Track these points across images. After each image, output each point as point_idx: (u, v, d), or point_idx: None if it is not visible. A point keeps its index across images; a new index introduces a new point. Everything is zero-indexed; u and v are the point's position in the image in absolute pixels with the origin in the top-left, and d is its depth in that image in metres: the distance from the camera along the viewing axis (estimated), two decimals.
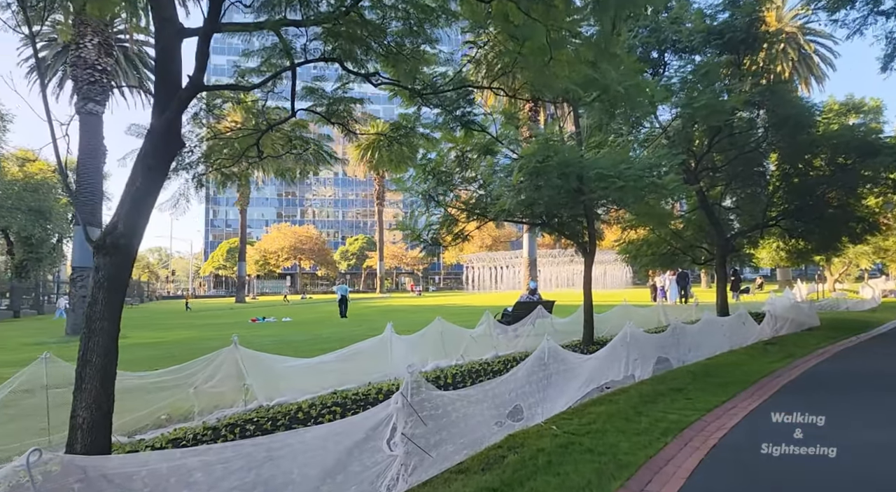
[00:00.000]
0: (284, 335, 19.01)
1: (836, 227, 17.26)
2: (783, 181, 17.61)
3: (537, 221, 11.10)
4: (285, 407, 6.63)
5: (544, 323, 14.63)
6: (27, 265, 47.29)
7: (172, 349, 15.49)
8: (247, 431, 5.44)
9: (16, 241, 47.03)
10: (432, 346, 10.33)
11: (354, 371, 8.55)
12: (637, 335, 8.63)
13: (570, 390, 6.90)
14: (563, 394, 6.77)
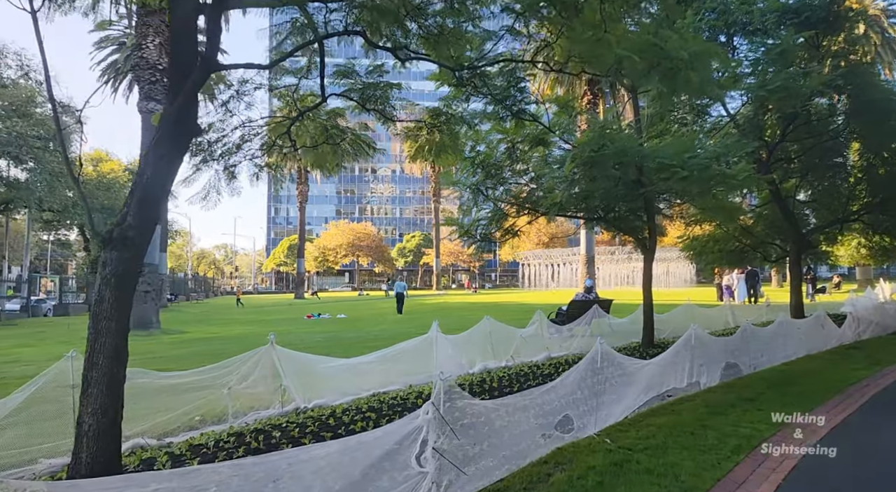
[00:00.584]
0: (337, 332, 18.95)
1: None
2: (866, 173, 16.18)
3: (593, 215, 10.44)
4: (320, 410, 6.31)
5: (601, 323, 13.95)
6: None
7: (227, 345, 15.60)
8: (272, 438, 5.12)
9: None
10: (480, 346, 9.85)
11: (397, 373, 8.18)
12: (703, 338, 7.90)
13: (626, 399, 6.30)
14: (619, 402, 6.18)
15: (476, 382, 7.94)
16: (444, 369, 8.84)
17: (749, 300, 29.57)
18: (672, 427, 5.87)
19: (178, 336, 18.21)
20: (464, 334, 9.69)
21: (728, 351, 8.68)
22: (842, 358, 10.52)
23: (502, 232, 10.47)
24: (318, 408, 6.58)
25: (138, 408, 5.39)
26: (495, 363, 9.80)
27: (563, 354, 11.19)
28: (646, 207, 10.10)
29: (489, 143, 10.45)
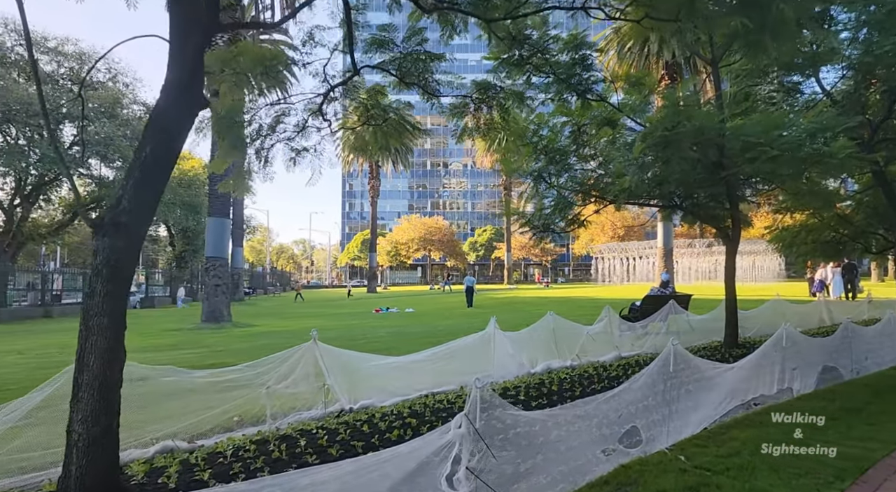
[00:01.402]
0: (403, 327, 18.72)
1: None
2: None
3: (668, 203, 9.53)
4: (359, 415, 5.86)
5: (678, 320, 12.97)
6: (185, 256, 52.07)
7: (291, 339, 15.63)
8: (297, 447, 4.70)
9: (175, 233, 51.93)
10: (543, 344, 9.21)
11: (451, 372, 7.67)
12: (795, 338, 6.94)
13: (704, 407, 5.52)
14: (695, 411, 5.41)
15: (534, 384, 7.31)
16: (503, 369, 8.32)
17: (846, 296, 27.23)
18: (759, 443, 5.07)
19: (246, 330, 18.49)
20: (525, 331, 9.07)
21: (826, 353, 7.65)
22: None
23: (567, 222, 9.75)
24: (363, 410, 6.17)
25: (171, 407, 5.15)
26: (559, 363, 9.13)
27: (634, 354, 10.37)
28: (728, 193, 9.10)
29: (553, 126, 9.74)
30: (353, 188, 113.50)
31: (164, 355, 12.24)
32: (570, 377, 7.79)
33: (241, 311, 29.95)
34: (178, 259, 52.97)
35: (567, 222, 9.72)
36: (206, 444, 4.82)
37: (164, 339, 16.30)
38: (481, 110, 6.90)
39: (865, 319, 15.30)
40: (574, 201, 9.32)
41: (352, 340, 14.93)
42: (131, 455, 4.54)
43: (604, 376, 7.76)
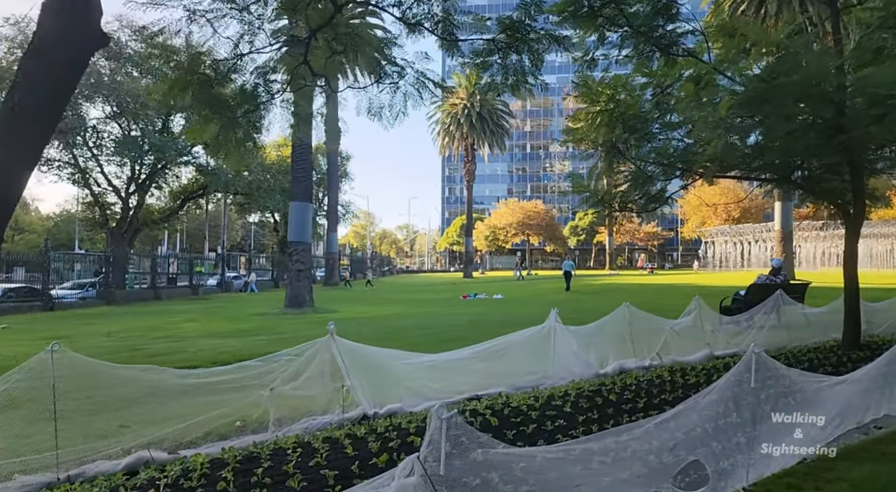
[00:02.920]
0: (484, 314, 17.93)
1: None
2: None
3: (770, 174, 7.96)
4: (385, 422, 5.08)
5: (791, 313, 11.19)
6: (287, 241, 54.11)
7: (363, 327, 15.32)
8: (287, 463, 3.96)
9: (280, 219, 54.03)
10: (616, 340, 8.03)
11: (501, 372, 6.75)
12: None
13: (802, 432, 4.26)
14: (789, 437, 4.17)
15: (591, 390, 6.15)
16: (565, 369, 7.26)
17: None
18: (880, 484, 3.80)
19: (326, 315, 18.39)
20: (593, 325, 7.93)
21: None
22: None
23: (648, 199, 8.44)
24: (390, 416, 5.40)
25: (155, 412, 4.63)
26: (635, 362, 7.92)
27: (730, 352, 8.92)
28: (850, 162, 7.42)
29: (631, 89, 8.44)
30: (453, 173, 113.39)
31: (235, 342, 12.19)
32: (646, 380, 6.60)
33: (331, 296, 30.41)
34: (281, 244, 55.14)
35: (648, 200, 8.41)
36: (186, 456, 4.22)
37: (244, 324, 16.49)
38: (510, 57, 5.80)
39: None
40: (655, 175, 7.98)
41: (425, 329, 14.34)
42: (99, 468, 4.04)
43: (679, 384, 6.48)
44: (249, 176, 37.46)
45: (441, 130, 59.57)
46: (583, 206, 8.38)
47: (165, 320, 17.72)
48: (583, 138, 8.08)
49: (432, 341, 10.96)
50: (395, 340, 12.19)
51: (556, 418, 4.98)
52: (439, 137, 60.06)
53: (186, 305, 24.63)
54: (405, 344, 11.56)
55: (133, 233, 36.24)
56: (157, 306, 24.76)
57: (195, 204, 44.47)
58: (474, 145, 58.97)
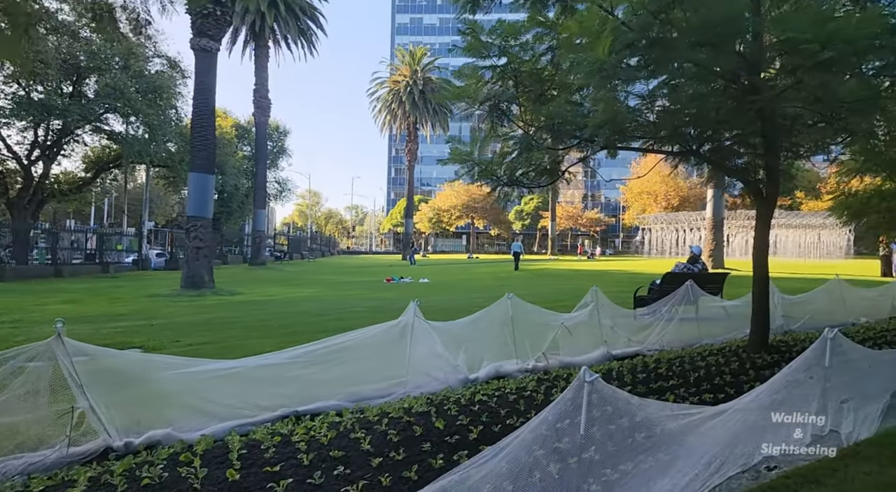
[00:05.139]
0: (395, 299, 16.58)
1: None
2: None
3: (672, 145, 6.81)
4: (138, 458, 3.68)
5: (709, 306, 10.32)
6: (220, 218, 51.43)
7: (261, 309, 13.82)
8: None
9: None
10: (494, 338, 6.80)
11: (335, 380, 5.40)
12: (847, 350, 4.32)
13: (662, 482, 3.06)
14: None
15: (437, 405, 4.84)
16: (424, 375, 5.97)
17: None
18: None
19: (224, 298, 16.73)
20: (466, 320, 6.65)
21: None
22: None
23: (539, 172, 7.19)
24: (150, 447, 3.99)
25: None
26: (516, 364, 6.71)
27: (631, 351, 7.86)
28: (763, 132, 6.34)
29: (524, 43, 7.13)
30: (399, 153, 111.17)
31: (85, 328, 10.46)
32: (501, 396, 5.31)
33: (252, 276, 28.58)
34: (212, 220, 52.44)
35: (539, 172, 7.17)
36: None
37: (125, 306, 14.68)
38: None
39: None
40: (541, 144, 6.73)
41: (319, 315, 12.91)
42: None
43: (531, 401, 5.20)
44: (173, 147, 34.83)
45: (382, 108, 57.47)
46: (465, 178, 7.04)
47: (38, 301, 15.71)
48: (463, 95, 6.74)
49: (311, 331, 9.61)
50: (271, 328, 10.79)
51: (342, 461, 3.65)
52: (381, 115, 57.98)
53: (81, 285, 22.38)
54: (285, 332, 10.20)
55: (38, 204, 33.19)
56: (50, 285, 22.39)
57: (109, 175, 41.25)
58: (417, 125, 57.21)
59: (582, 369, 2.58)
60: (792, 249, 50.88)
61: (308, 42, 38.38)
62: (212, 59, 18.26)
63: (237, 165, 45.49)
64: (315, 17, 38.49)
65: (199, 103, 18.40)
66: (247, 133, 49.43)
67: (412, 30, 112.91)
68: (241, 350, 7.63)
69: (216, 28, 18.07)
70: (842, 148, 13.46)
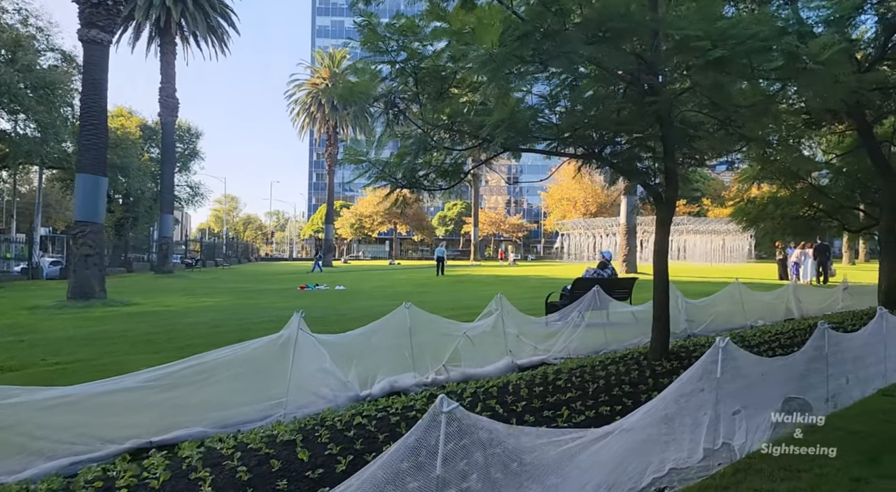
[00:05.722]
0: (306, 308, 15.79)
1: None
2: None
3: (575, 147, 6.64)
4: None
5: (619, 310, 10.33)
6: (124, 224, 48.36)
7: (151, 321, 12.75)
8: None
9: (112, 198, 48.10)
10: (390, 350, 6.37)
11: (203, 404, 4.80)
12: (738, 359, 4.17)
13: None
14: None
15: (288, 437, 4.35)
16: (309, 394, 5.45)
17: (817, 280, 24.99)
18: None
19: (114, 309, 15.42)
20: (358, 332, 6.19)
21: (789, 379, 4.90)
22: None
23: (440, 173, 6.85)
24: None
25: None
26: (414, 378, 6.30)
27: (539, 359, 7.63)
28: (662, 135, 6.27)
29: (423, 38, 6.76)
30: (320, 157, 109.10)
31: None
32: (385, 417, 4.86)
33: (155, 285, 26.84)
34: (116, 226, 49.24)
35: (439, 174, 6.82)
36: None
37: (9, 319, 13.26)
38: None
39: (841, 311, 12.81)
40: (440, 144, 6.39)
41: (215, 327, 12.00)
42: None
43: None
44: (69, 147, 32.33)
45: (301, 111, 55.95)
46: (360, 180, 6.59)
47: None
48: (356, 91, 6.29)
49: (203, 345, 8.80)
50: (159, 342, 9.91)
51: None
52: (299, 118, 56.41)
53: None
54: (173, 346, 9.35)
55: None
56: None
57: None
58: (337, 128, 56.05)
59: (439, 399, 2.19)
60: (700, 253, 53.41)
61: (219, 40, 36.76)
62: (103, 52, 16.88)
63: (144, 167, 42.90)
64: (226, 14, 36.92)
65: (88, 99, 16.96)
66: (154, 134, 46.75)
67: (333, 33, 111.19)
68: (116, 368, 6.80)
69: (108, 18, 16.72)
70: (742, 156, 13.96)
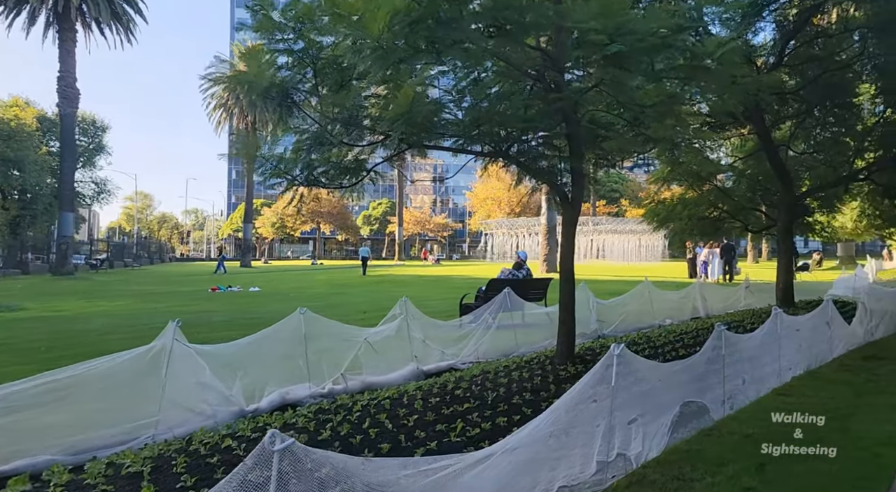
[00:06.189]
0: (211, 312, 15.03)
1: None
2: (882, 118, 12.48)
3: (482, 145, 6.41)
4: None
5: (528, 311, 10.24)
6: (20, 222, 44.75)
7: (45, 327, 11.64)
8: None
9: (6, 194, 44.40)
10: (282, 360, 5.93)
11: (59, 426, 4.23)
12: (633, 366, 4.01)
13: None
14: None
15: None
16: (186, 411, 4.94)
17: (724, 278, 26.23)
18: None
19: None
20: (245, 341, 5.70)
21: (687, 382, 4.84)
22: (864, 380, 6.77)
23: (340, 171, 6.45)
24: None
25: None
26: (308, 389, 5.87)
27: (447, 364, 7.37)
28: (568, 134, 6.14)
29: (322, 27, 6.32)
30: None
31: None
32: None
33: (51, 287, 24.87)
34: (12, 225, 45.51)
35: (340, 171, 6.43)
36: None
37: None
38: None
39: (743, 309, 13.31)
40: (337, 138, 5.99)
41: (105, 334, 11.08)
42: None
43: None
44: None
45: (217, 106, 53.50)
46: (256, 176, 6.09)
47: None
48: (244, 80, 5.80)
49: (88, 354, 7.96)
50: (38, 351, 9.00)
51: None
52: (215, 113, 53.88)
53: None
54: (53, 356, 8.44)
55: None
56: None
57: None
58: (256, 124, 53.99)
59: (268, 434, 1.83)
60: (618, 253, 55.18)
61: (125, 28, 34.54)
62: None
63: (42, 161, 39.79)
64: (132, 1, 34.77)
65: None
66: (54, 126, 43.51)
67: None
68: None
69: None
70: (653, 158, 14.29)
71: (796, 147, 13.32)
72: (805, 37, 10.78)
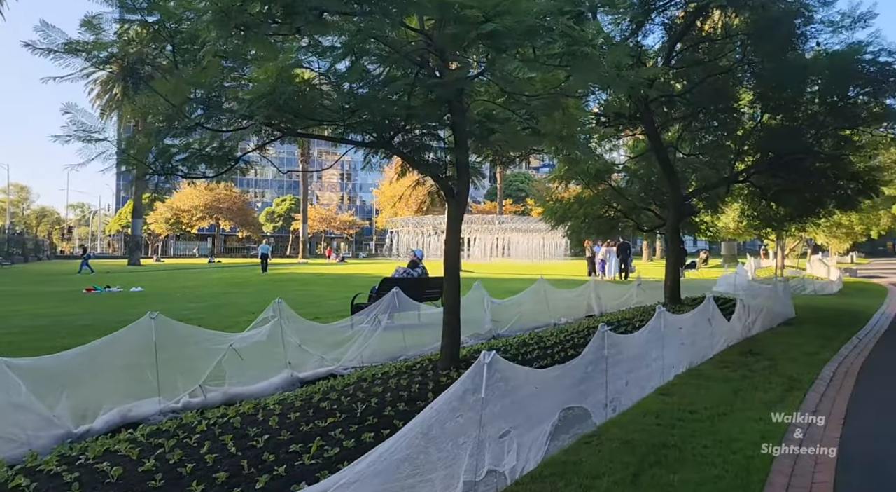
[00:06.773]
0: (80, 315, 13.60)
1: (824, 187, 12.92)
2: (759, 123, 13.14)
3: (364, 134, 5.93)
4: None
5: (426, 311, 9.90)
6: None
7: None
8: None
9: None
10: (125, 371, 5.18)
11: None
12: (508, 372, 3.68)
13: None
14: None
15: None
16: None
17: (619, 276, 27.17)
18: None
19: None
20: (76, 351, 4.90)
21: (567, 387, 4.59)
22: (740, 376, 6.88)
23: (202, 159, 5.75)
24: None
25: None
26: (158, 404, 5.16)
27: (326, 370, 6.83)
28: (453, 125, 5.79)
29: None
30: None
31: None
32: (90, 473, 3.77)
33: None
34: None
35: (201, 159, 5.73)
36: None
37: None
38: None
39: (635, 306, 13.61)
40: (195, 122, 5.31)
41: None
42: None
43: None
44: None
45: (101, 92, 49.25)
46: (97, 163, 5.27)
47: None
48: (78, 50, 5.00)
49: None
50: None
51: None
52: (99, 100, 49.51)
53: None
54: None
55: None
56: None
57: None
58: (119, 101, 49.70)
59: None
60: (523, 251, 56.22)
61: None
62: None
63: None
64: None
65: None
66: None
67: None
68: None
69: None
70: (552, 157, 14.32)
71: (683, 149, 13.79)
72: (691, 40, 11.11)
